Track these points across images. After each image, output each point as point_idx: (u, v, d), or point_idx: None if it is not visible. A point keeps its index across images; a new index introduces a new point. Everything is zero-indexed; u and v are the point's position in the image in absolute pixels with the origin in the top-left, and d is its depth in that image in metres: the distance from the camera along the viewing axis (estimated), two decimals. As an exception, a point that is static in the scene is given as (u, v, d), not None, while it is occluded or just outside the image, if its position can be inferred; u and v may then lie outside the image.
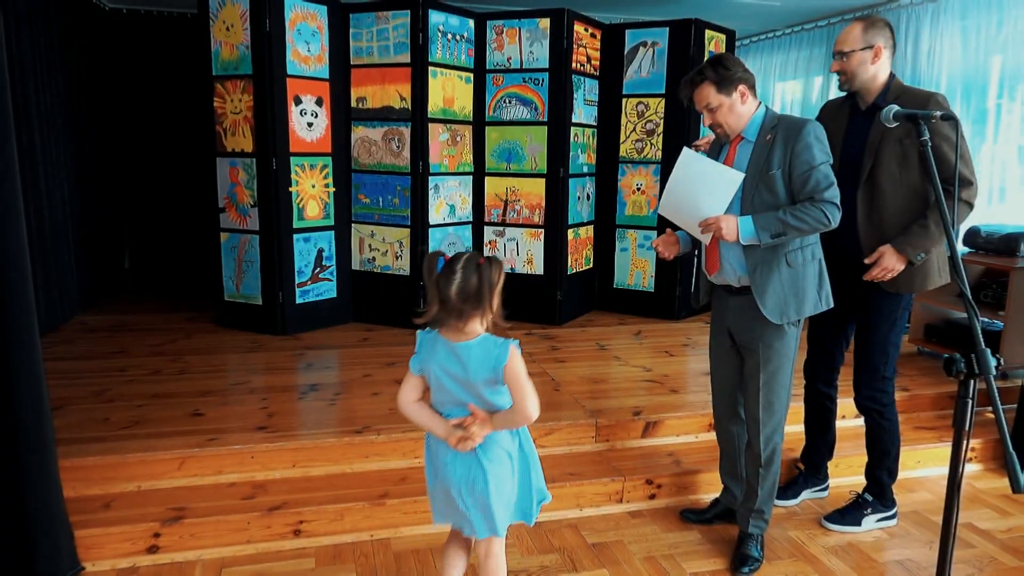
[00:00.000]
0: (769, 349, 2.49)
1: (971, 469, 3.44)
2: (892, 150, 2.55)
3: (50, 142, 4.59)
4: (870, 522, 2.92)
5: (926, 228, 2.52)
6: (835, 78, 2.71)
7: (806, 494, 3.14)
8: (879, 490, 2.92)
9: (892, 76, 2.60)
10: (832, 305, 2.51)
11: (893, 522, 2.97)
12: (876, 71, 2.57)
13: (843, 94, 2.75)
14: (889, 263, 2.55)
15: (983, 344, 1.58)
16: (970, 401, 1.59)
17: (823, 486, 3.17)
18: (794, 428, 3.56)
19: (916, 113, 1.95)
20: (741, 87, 2.40)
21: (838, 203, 2.34)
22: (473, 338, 1.87)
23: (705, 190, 2.43)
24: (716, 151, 2.59)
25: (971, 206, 2.57)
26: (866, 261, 2.60)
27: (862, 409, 2.86)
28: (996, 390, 1.55)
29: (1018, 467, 1.49)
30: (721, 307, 2.64)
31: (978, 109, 4.92)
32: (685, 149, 2.52)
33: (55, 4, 4.75)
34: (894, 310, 2.69)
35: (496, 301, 1.86)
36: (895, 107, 2.02)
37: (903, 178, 2.56)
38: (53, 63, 4.69)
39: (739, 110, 2.42)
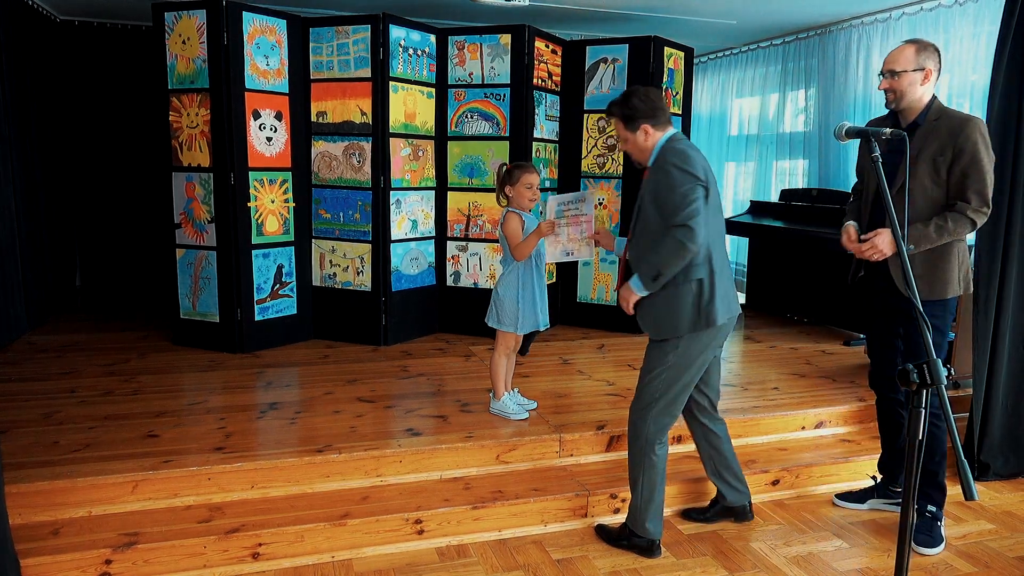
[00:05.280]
0: (647, 359, 2.70)
1: (926, 477, 3.51)
2: (927, 168, 2.66)
3: (-3, 156, 4.46)
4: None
5: (927, 226, 2.65)
6: (792, 96, 2.83)
7: (873, 502, 3.16)
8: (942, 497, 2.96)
9: (934, 98, 2.71)
10: (714, 325, 2.59)
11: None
12: (923, 92, 2.69)
13: (884, 113, 2.90)
14: (881, 243, 2.66)
15: (935, 355, 1.61)
16: (923, 411, 1.62)
17: (895, 500, 3.15)
18: (765, 439, 3.60)
19: (867, 130, 2.01)
20: (642, 124, 2.60)
21: (687, 223, 2.44)
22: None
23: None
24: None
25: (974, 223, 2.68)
26: (863, 237, 2.72)
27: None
28: (948, 400, 1.59)
29: (970, 475, 1.52)
30: None
31: (926, 126, 5.06)
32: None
33: (1, 15, 4.63)
34: (935, 317, 2.74)
35: (506, 190, 3.28)
36: (847, 124, 2.08)
37: (933, 194, 2.68)
38: (0, 75, 4.57)
39: (640, 144, 2.64)
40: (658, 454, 2.70)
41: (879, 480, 3.18)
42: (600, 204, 5.20)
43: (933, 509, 2.93)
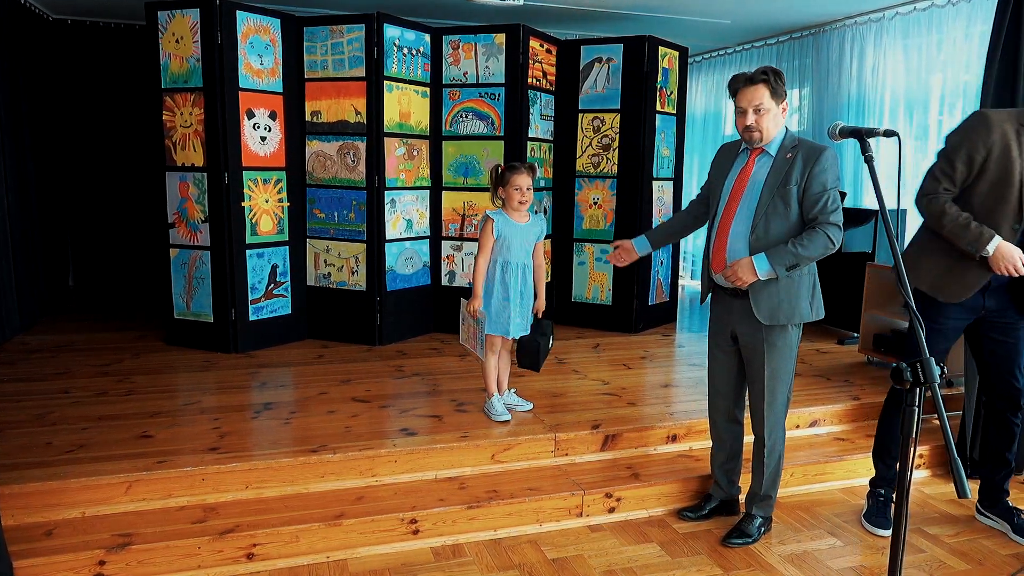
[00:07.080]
0: (773, 348, 2.69)
1: (919, 475, 3.52)
2: None
3: (-10, 156, 4.44)
4: None
5: None
6: (793, 96, 2.83)
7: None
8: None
9: None
10: (822, 316, 2.70)
11: None
12: None
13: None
14: None
15: (928, 353, 1.62)
16: (916, 409, 1.62)
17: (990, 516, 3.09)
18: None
19: (860, 129, 2.01)
20: (784, 103, 2.63)
21: (840, 224, 2.56)
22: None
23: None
24: (733, 158, 2.77)
25: None
26: None
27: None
28: (941, 398, 1.59)
29: (963, 473, 1.53)
30: (724, 311, 2.80)
31: (920, 125, 5.09)
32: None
33: (-4, 14, 4.61)
34: None
35: (499, 191, 3.34)
36: (840, 123, 2.09)
37: None
38: (-7, 75, 4.55)
39: (779, 121, 2.64)
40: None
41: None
42: (595, 204, 5.21)
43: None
